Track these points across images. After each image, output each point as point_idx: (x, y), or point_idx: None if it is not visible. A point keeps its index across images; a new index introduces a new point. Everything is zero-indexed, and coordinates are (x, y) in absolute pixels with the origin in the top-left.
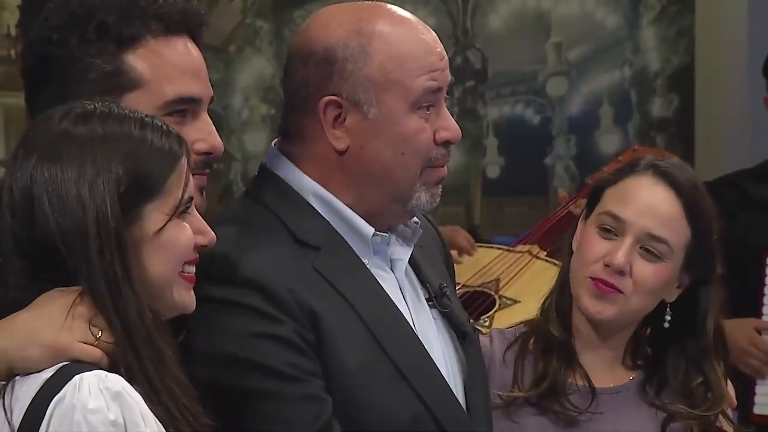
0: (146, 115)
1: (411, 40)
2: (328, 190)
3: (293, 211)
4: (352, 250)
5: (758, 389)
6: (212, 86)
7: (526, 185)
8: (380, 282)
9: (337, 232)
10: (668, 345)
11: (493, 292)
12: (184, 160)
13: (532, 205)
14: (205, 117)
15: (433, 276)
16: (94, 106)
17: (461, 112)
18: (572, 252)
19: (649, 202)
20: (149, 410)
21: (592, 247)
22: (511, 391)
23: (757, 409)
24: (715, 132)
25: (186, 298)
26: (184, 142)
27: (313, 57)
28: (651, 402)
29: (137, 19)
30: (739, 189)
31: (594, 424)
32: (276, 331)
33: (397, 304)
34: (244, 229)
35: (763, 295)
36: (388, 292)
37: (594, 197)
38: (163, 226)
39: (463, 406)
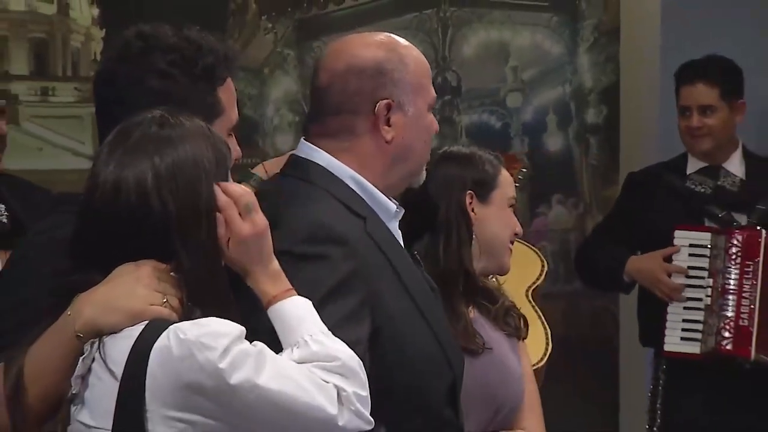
0: (203, 123)
1: (424, 61)
2: (361, 175)
3: (340, 188)
4: (382, 222)
5: (667, 331)
6: (250, 99)
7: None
8: (401, 244)
9: (369, 206)
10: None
11: None
12: (230, 155)
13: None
14: (234, 136)
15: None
16: (176, 115)
17: (441, 119)
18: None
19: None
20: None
21: (513, 221)
22: None
23: (667, 347)
24: (635, 135)
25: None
26: (226, 142)
27: (366, 71)
28: (490, 320)
29: (224, 63)
30: (655, 178)
31: (487, 350)
32: (345, 281)
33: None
34: (308, 201)
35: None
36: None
37: (489, 183)
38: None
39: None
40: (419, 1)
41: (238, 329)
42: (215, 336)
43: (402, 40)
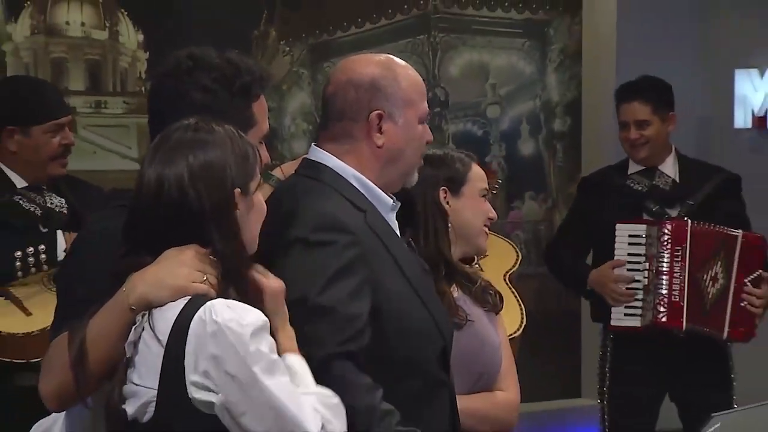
0: (232, 128)
1: (417, 79)
2: (363, 174)
3: (345, 187)
4: (381, 214)
5: (613, 309)
6: (271, 111)
7: None
8: (397, 233)
9: (370, 201)
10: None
11: None
12: (259, 158)
13: None
14: (264, 144)
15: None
16: (208, 122)
17: (431, 128)
18: (447, 217)
19: (484, 174)
20: None
21: (485, 208)
22: None
23: (613, 322)
24: (594, 141)
25: (254, 246)
26: (254, 146)
27: (363, 85)
28: (470, 297)
29: (258, 82)
30: (606, 178)
31: (469, 323)
32: (350, 264)
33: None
34: (318, 197)
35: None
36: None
37: (460, 179)
38: (255, 192)
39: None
40: (412, 28)
41: (262, 320)
42: (242, 324)
43: (400, 61)
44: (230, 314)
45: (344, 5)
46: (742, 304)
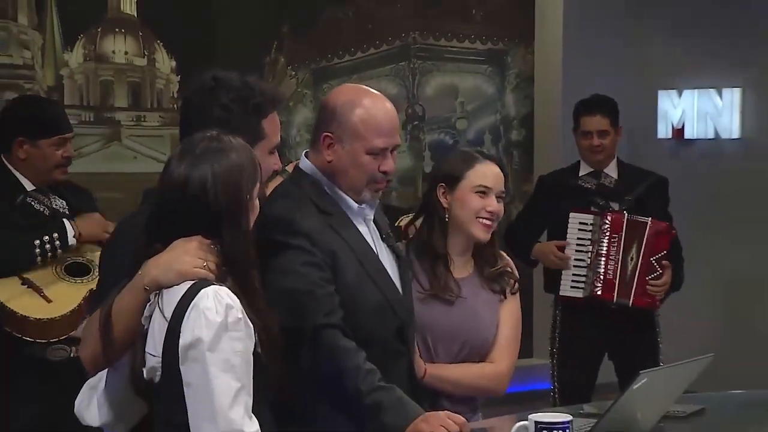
0: (243, 141)
1: (379, 117)
2: (332, 182)
3: (316, 193)
4: (347, 215)
5: (562, 282)
6: (280, 124)
7: None
8: (362, 232)
9: (339, 205)
10: (488, 246)
11: None
12: (259, 167)
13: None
14: (276, 153)
15: (384, 226)
16: (226, 135)
17: (411, 138)
18: (444, 210)
19: (496, 174)
20: (242, 309)
21: (476, 203)
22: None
23: (561, 292)
24: (544, 149)
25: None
26: (268, 153)
27: (326, 110)
28: (483, 276)
29: (269, 103)
30: (561, 178)
31: (460, 298)
32: (313, 260)
33: (369, 242)
34: (292, 203)
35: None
36: (365, 236)
37: (456, 177)
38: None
39: (405, 303)
40: (395, 56)
41: (236, 317)
42: (217, 316)
43: (372, 98)
44: (213, 304)
45: (340, 37)
46: (648, 278)
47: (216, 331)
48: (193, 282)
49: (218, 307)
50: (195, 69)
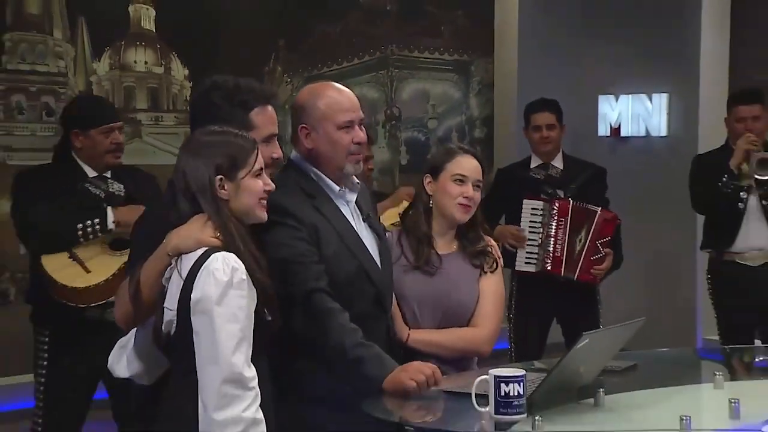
0: (239, 132)
1: (340, 98)
2: (316, 168)
3: (303, 180)
4: (330, 197)
5: (517, 258)
6: (280, 123)
7: (418, 168)
8: (343, 211)
9: (323, 189)
10: (471, 228)
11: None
12: (256, 151)
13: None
14: (276, 142)
15: (367, 209)
16: (219, 127)
17: (390, 136)
18: (429, 197)
19: (472, 165)
20: (246, 272)
21: (454, 190)
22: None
23: (516, 267)
24: (503, 145)
25: (262, 215)
26: (256, 143)
27: (296, 108)
28: (465, 254)
29: (255, 98)
30: (515, 170)
31: (442, 271)
32: (300, 234)
33: (350, 221)
34: (282, 190)
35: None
36: (346, 216)
37: (437, 168)
38: (244, 178)
39: (382, 273)
40: (376, 66)
41: (240, 278)
42: (225, 275)
43: (330, 87)
44: (221, 266)
45: (328, 50)
46: (592, 258)
47: (223, 288)
48: (206, 248)
49: (225, 268)
50: (205, 76)
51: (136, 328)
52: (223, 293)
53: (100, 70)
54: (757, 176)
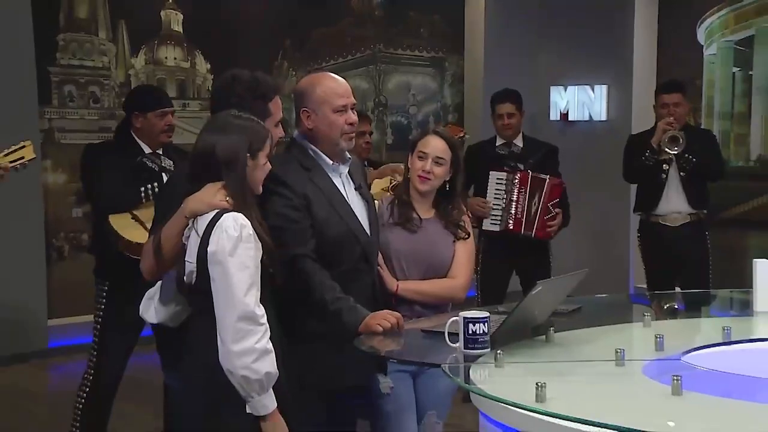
0: (254, 118)
1: (334, 85)
2: (314, 146)
3: (301, 155)
4: (324, 170)
5: (485, 220)
6: (285, 110)
7: (401, 146)
8: (335, 182)
9: (318, 163)
10: (447, 200)
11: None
12: (270, 136)
13: (404, 156)
14: (281, 125)
15: (359, 179)
16: (237, 112)
17: (377, 120)
18: (408, 170)
19: (435, 144)
20: (253, 230)
21: (416, 164)
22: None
23: (483, 227)
24: (472, 127)
25: (260, 189)
26: (268, 130)
27: (298, 94)
28: (442, 221)
29: (271, 90)
30: (483, 147)
31: (422, 231)
32: (292, 203)
33: (341, 190)
34: (283, 164)
35: (487, 190)
36: (338, 186)
37: (413, 146)
38: (260, 157)
39: (368, 233)
40: (366, 61)
41: (248, 233)
42: (235, 230)
43: (326, 76)
44: (232, 224)
45: (326, 49)
46: (546, 218)
47: (234, 242)
48: (218, 210)
49: (235, 225)
50: (223, 70)
51: (161, 282)
52: (235, 246)
53: (137, 64)
54: (667, 150)
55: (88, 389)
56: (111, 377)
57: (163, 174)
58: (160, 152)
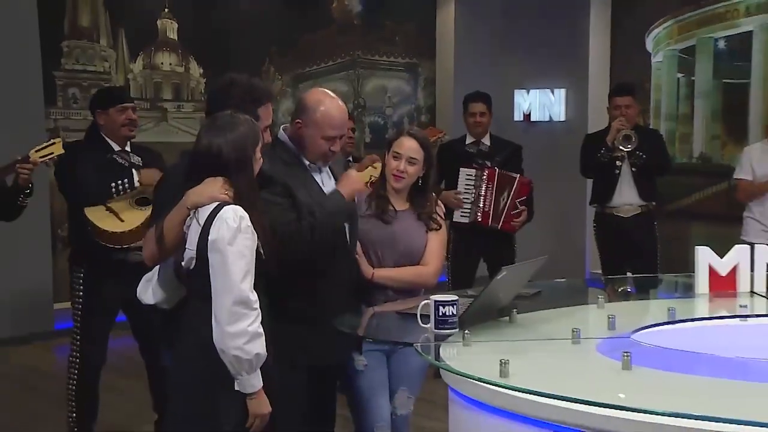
0: (249, 117)
1: (333, 114)
2: (296, 147)
3: (285, 154)
4: (307, 168)
5: (455, 212)
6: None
7: (378, 145)
8: (314, 177)
9: (302, 161)
10: (420, 194)
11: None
12: (261, 137)
13: (381, 154)
14: (268, 131)
15: (339, 173)
16: (235, 113)
17: (356, 120)
18: (384, 168)
19: (408, 144)
20: (250, 222)
21: (391, 163)
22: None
23: (454, 219)
24: (442, 127)
25: None
26: (262, 131)
27: (301, 104)
28: (415, 213)
29: (264, 96)
30: (453, 146)
31: (397, 222)
32: (278, 192)
33: (320, 184)
34: (269, 160)
35: (457, 186)
36: (317, 180)
37: (389, 146)
38: (257, 153)
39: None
40: (346, 66)
41: (246, 224)
42: (234, 222)
43: (331, 101)
44: (231, 215)
45: (309, 54)
46: (512, 213)
47: (233, 232)
48: (218, 203)
49: (235, 217)
50: (216, 75)
51: (158, 266)
52: (234, 236)
53: (135, 69)
54: (621, 147)
55: (76, 373)
56: (96, 359)
57: (133, 170)
58: (128, 149)
